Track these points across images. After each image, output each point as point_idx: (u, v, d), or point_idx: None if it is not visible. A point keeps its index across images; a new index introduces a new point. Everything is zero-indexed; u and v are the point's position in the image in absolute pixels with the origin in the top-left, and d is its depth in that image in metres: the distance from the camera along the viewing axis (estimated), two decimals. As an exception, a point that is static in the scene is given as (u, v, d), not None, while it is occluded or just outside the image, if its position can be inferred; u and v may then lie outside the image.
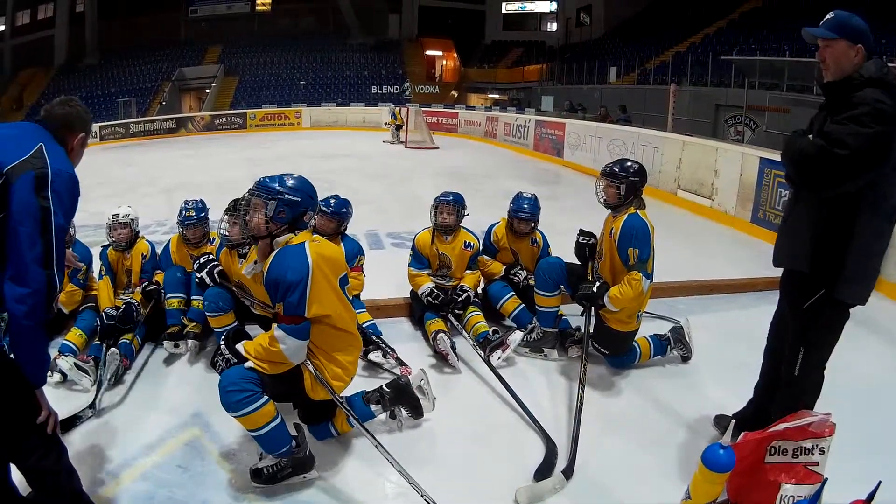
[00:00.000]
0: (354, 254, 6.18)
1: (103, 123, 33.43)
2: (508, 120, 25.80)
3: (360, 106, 38.28)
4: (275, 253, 3.92)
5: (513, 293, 6.30)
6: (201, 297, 5.72)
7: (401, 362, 5.49)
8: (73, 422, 4.67)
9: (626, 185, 5.21)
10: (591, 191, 5.72)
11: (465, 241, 6.29)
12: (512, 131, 24.80)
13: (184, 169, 20.87)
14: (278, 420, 3.91)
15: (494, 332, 5.87)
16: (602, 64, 34.83)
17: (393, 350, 5.64)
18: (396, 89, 44.79)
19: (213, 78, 46.81)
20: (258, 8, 52.14)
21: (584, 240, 5.72)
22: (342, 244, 6.06)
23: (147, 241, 6.45)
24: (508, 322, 6.32)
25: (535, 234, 6.60)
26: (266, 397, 3.82)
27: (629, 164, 5.36)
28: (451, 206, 6.22)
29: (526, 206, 6.41)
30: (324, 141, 29.04)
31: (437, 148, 25.31)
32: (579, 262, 5.76)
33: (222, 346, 4.12)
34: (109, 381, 5.30)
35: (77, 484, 3.28)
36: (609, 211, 5.45)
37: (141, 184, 16.39)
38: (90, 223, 7.70)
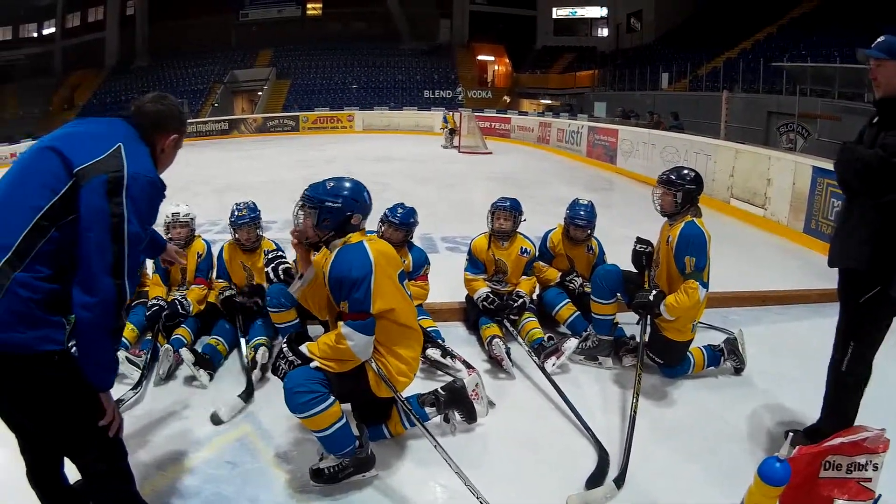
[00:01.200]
0: (421, 263, 6.24)
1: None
2: (561, 126, 25.63)
3: (413, 110, 38.45)
4: (335, 253, 3.96)
5: (568, 300, 6.31)
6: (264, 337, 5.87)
7: (468, 365, 5.52)
8: (116, 405, 4.75)
9: (682, 192, 5.20)
10: (644, 199, 5.73)
11: (522, 247, 6.29)
12: (565, 137, 24.63)
13: (236, 170, 21.19)
14: (343, 420, 3.95)
15: (549, 338, 5.86)
16: (654, 69, 34.53)
17: (459, 354, 5.68)
18: (449, 94, 44.68)
19: (264, 81, 47.40)
20: (309, 12, 52.65)
21: (640, 248, 5.71)
22: (410, 253, 6.13)
23: (203, 239, 6.52)
24: (563, 329, 6.32)
25: (590, 241, 6.59)
26: (333, 398, 3.86)
27: (685, 171, 5.35)
28: (508, 212, 6.22)
29: (582, 212, 6.41)
30: (376, 144, 29.17)
31: (491, 153, 25.24)
32: (636, 270, 5.75)
33: (285, 349, 4.12)
34: (162, 376, 5.46)
35: (130, 488, 3.24)
36: (665, 219, 5.44)
37: (194, 183, 16.48)
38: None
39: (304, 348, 4.06)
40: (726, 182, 13.27)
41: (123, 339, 5.63)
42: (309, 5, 52.50)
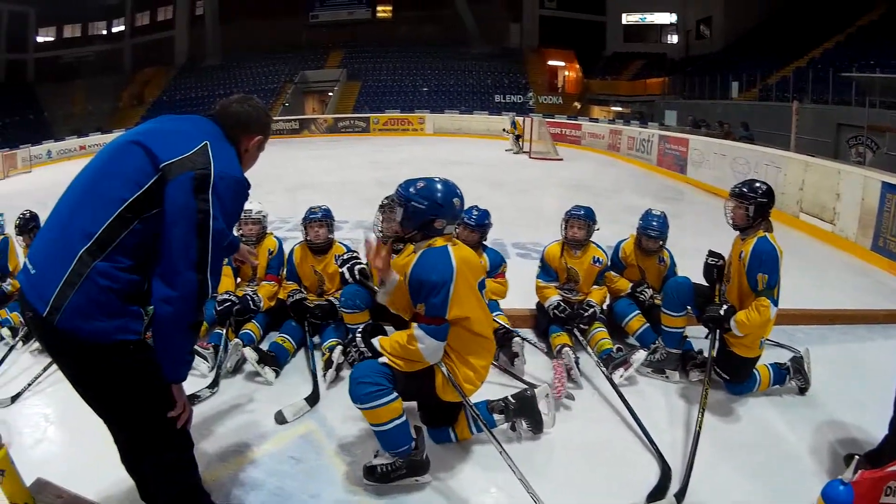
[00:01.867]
0: (498, 263, 6.34)
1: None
2: (632, 134, 25.39)
3: (484, 114, 38.20)
4: (418, 254, 3.99)
5: (638, 311, 6.33)
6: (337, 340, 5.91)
7: (558, 353, 5.68)
8: (191, 400, 4.77)
9: (754, 206, 5.19)
10: (714, 210, 5.75)
11: (594, 257, 6.32)
12: (635, 145, 24.40)
13: (307, 169, 21.54)
14: (402, 419, 4.02)
15: (618, 349, 5.87)
16: (724, 77, 33.97)
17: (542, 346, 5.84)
18: (520, 99, 44.33)
19: (335, 82, 47.62)
20: (379, 15, 52.88)
21: (712, 261, 5.67)
22: (485, 255, 6.18)
23: (275, 237, 6.66)
24: (632, 340, 6.34)
25: (662, 252, 6.59)
26: (395, 394, 3.95)
27: (758, 185, 5.34)
28: (582, 221, 6.25)
29: (655, 223, 6.42)
30: (447, 147, 29.24)
31: (561, 159, 25.05)
32: (706, 284, 5.74)
33: (357, 339, 4.26)
34: (229, 370, 5.63)
35: (193, 479, 3.30)
36: (737, 233, 5.42)
37: (266, 181, 16.48)
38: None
39: (375, 342, 4.14)
40: (796, 195, 13.03)
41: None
42: (379, 8, 52.74)
